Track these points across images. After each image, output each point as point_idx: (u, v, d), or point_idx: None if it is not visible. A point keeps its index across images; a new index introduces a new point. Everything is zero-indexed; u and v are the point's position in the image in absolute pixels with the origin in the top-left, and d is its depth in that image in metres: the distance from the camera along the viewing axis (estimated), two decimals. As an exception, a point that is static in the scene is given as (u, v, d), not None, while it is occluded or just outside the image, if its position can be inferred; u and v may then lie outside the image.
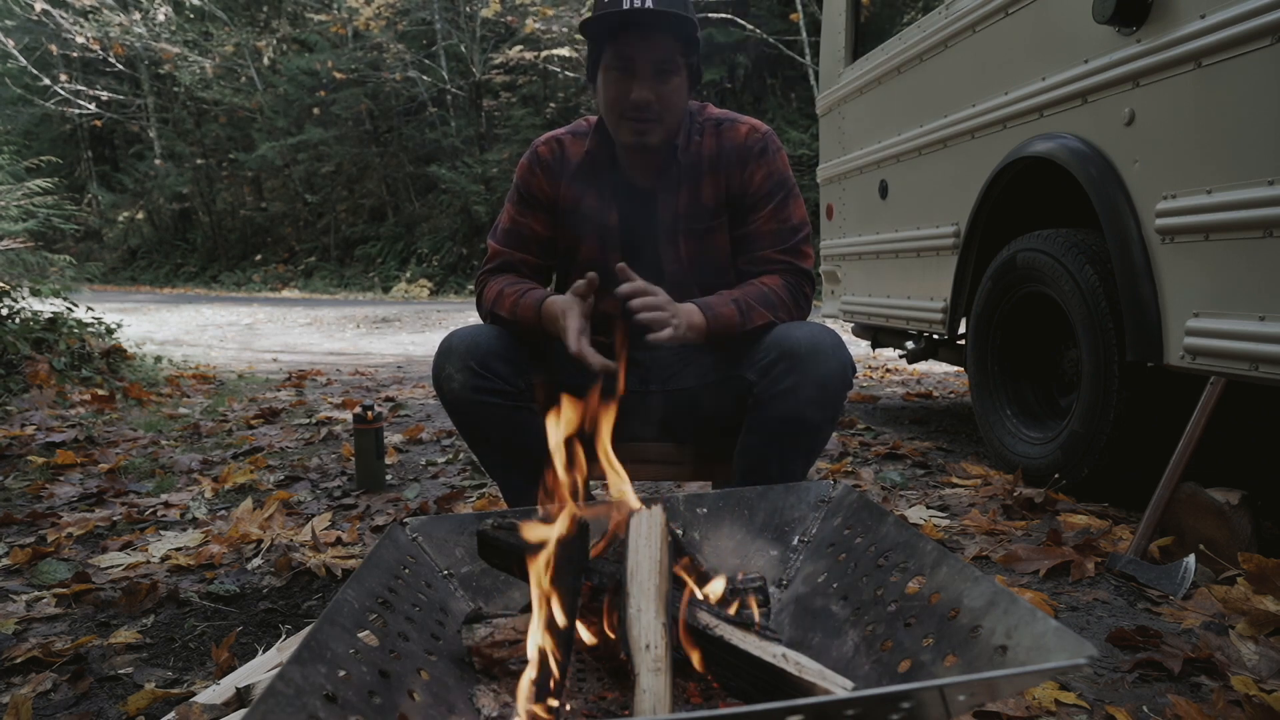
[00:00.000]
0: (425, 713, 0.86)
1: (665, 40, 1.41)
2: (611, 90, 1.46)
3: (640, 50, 1.41)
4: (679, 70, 1.45)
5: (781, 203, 1.55)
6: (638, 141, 1.47)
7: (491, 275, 1.61)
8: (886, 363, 5.96)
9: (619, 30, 1.41)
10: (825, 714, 0.66)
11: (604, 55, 1.46)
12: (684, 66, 1.46)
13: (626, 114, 1.45)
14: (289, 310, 13.29)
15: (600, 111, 1.53)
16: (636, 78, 1.43)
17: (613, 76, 1.45)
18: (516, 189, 1.63)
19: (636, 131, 1.46)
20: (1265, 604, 1.44)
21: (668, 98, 1.45)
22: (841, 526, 1.17)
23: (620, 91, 1.44)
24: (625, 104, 1.44)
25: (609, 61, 1.45)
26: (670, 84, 1.44)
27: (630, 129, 1.46)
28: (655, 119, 1.45)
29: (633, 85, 1.43)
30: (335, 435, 3.57)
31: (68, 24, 19.69)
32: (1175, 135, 1.88)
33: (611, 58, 1.44)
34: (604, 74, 1.47)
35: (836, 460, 2.89)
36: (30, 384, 4.27)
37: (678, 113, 1.49)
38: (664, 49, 1.41)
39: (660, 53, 1.42)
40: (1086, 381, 2.18)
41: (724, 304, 1.47)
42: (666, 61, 1.43)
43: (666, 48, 1.42)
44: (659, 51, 1.41)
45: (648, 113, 1.44)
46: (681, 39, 1.43)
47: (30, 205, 5.86)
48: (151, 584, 1.76)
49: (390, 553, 1.07)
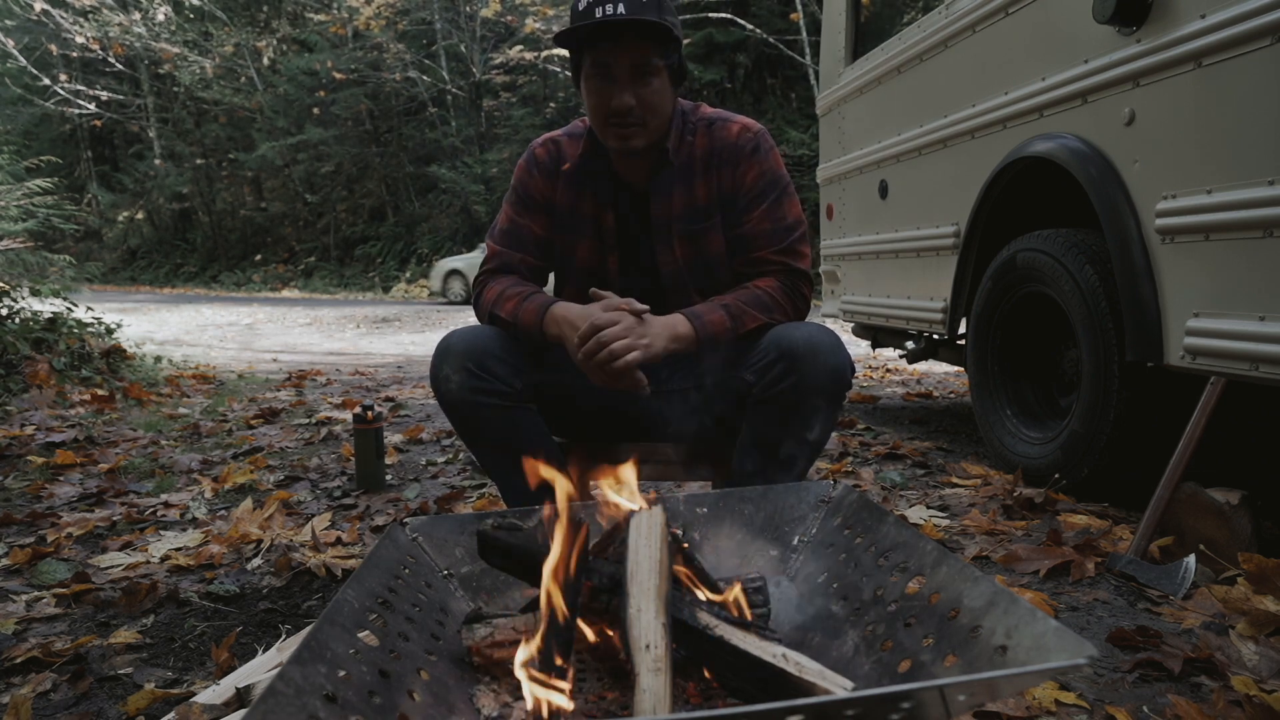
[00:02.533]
0: (425, 713, 0.86)
1: (640, 45, 1.41)
2: (593, 98, 1.47)
3: (616, 57, 1.42)
4: (658, 72, 1.45)
5: (775, 202, 1.55)
6: (623, 146, 1.47)
7: (491, 276, 1.61)
8: (886, 363, 5.96)
9: (594, 39, 1.42)
10: (825, 714, 0.66)
11: (583, 64, 1.47)
12: (663, 68, 1.46)
13: (609, 121, 1.46)
14: (289, 310, 13.29)
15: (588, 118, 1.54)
16: (616, 84, 1.43)
17: (593, 85, 1.46)
18: (514, 190, 1.64)
19: (620, 137, 1.46)
20: (1265, 604, 1.44)
21: (648, 100, 1.45)
22: (841, 526, 1.17)
23: (601, 99, 1.45)
24: (607, 111, 1.45)
25: (588, 70, 1.46)
26: (650, 86, 1.45)
27: (614, 135, 1.47)
28: (638, 123, 1.45)
29: (613, 92, 1.43)
30: (335, 435, 3.57)
31: (67, 24, 19.71)
32: (1175, 135, 1.88)
33: (590, 66, 1.45)
34: (585, 82, 1.48)
35: (836, 460, 2.89)
36: (30, 384, 4.27)
37: (662, 114, 1.49)
38: (639, 53, 1.42)
39: (637, 57, 1.42)
40: (1086, 381, 2.18)
41: (712, 310, 1.46)
42: (643, 66, 1.43)
43: (642, 51, 1.42)
44: (634, 57, 1.41)
45: (630, 118, 1.44)
46: (657, 41, 1.43)
47: (30, 205, 5.86)
48: (151, 584, 1.76)
49: (390, 553, 1.07)
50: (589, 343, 1.36)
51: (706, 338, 1.44)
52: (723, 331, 1.45)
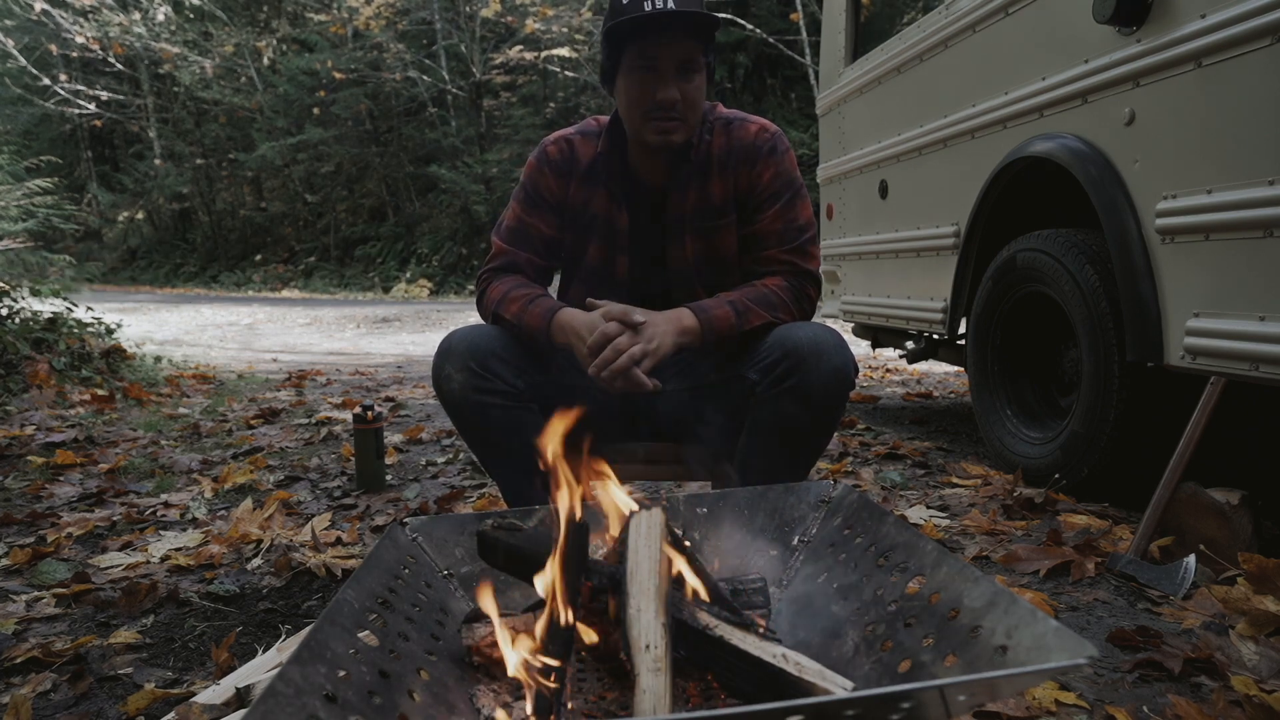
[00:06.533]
0: (425, 713, 0.86)
1: (687, 38, 1.41)
2: (635, 90, 1.45)
3: (664, 50, 1.41)
4: (700, 69, 1.46)
5: (789, 203, 1.55)
6: (663, 140, 1.46)
7: (496, 275, 1.61)
8: (886, 363, 5.96)
9: (642, 32, 1.41)
10: (825, 714, 0.66)
11: (625, 57, 1.46)
12: (705, 65, 1.47)
13: (651, 114, 1.45)
14: (289, 310, 13.29)
15: (622, 114, 1.53)
16: (661, 78, 1.43)
17: (636, 78, 1.45)
18: (524, 188, 1.63)
19: (661, 130, 1.46)
20: (1265, 604, 1.44)
21: (691, 96, 1.45)
22: (841, 526, 1.17)
23: (644, 92, 1.44)
24: (650, 104, 1.44)
25: (631, 63, 1.44)
26: (694, 82, 1.45)
27: (655, 129, 1.46)
28: (680, 118, 1.45)
29: (658, 85, 1.43)
30: (335, 435, 3.57)
31: (67, 24, 19.70)
32: (1175, 135, 1.88)
33: (635, 58, 1.44)
34: (626, 76, 1.47)
35: (836, 460, 2.89)
36: (30, 384, 4.27)
37: (699, 111, 1.50)
38: (687, 48, 1.42)
39: (683, 52, 1.42)
40: (1086, 381, 2.18)
41: (719, 306, 1.47)
42: (689, 61, 1.43)
43: (689, 47, 1.42)
44: (682, 51, 1.42)
45: (673, 112, 1.44)
46: (702, 39, 1.43)
47: (30, 205, 5.86)
48: (151, 584, 1.76)
49: (390, 553, 1.07)
50: (604, 352, 1.37)
51: (711, 332, 1.45)
52: (727, 327, 1.45)
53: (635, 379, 1.37)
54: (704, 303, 1.48)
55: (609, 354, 1.37)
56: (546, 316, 1.48)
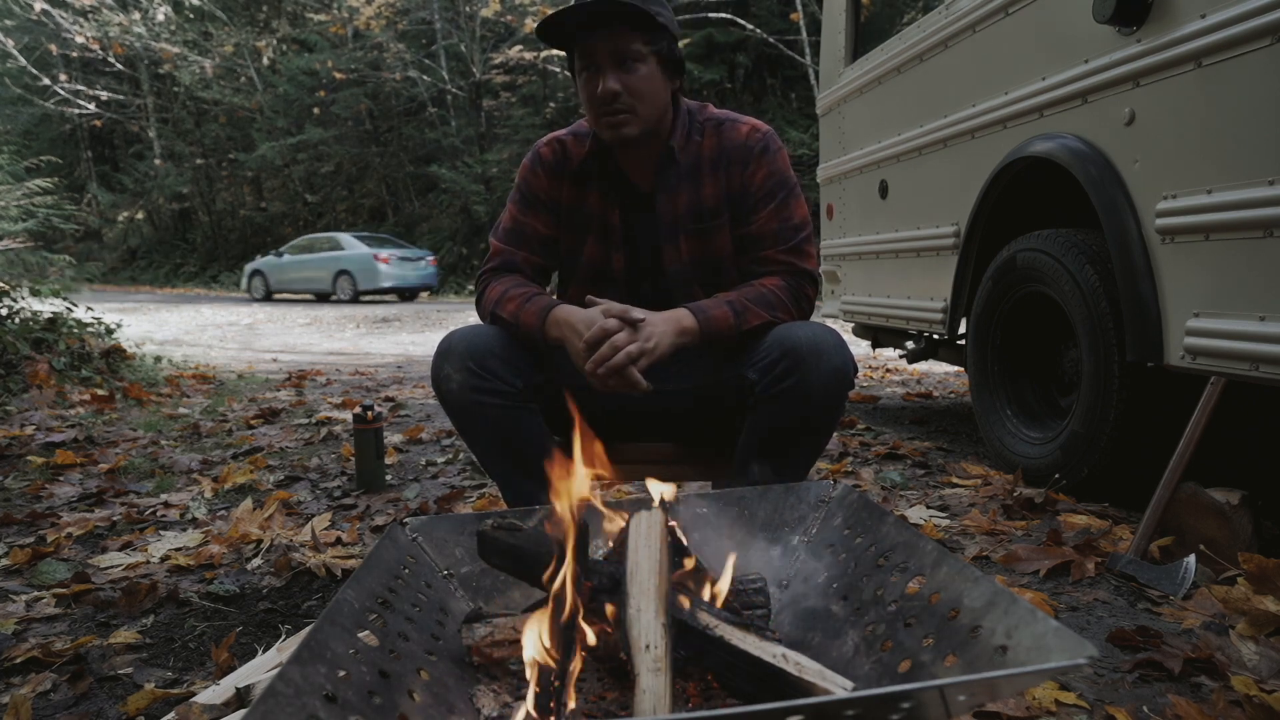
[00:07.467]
0: (425, 713, 0.86)
1: (620, 29, 1.41)
2: (585, 90, 1.47)
3: (600, 46, 1.42)
4: (644, 58, 1.45)
5: (783, 202, 1.55)
6: (614, 135, 1.47)
7: (494, 275, 1.61)
8: (886, 363, 5.96)
9: (579, 32, 1.43)
10: (825, 714, 0.66)
11: (575, 60, 1.48)
12: (651, 55, 1.46)
13: (599, 109, 1.46)
14: (289, 310, 13.29)
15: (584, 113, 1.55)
16: (601, 72, 1.43)
17: (584, 78, 1.47)
18: (519, 189, 1.64)
19: (611, 125, 1.46)
20: (1265, 604, 1.44)
21: (636, 87, 1.44)
22: (841, 526, 1.17)
23: (590, 90, 1.45)
24: (595, 99, 1.45)
25: (579, 65, 1.47)
26: (637, 73, 1.44)
27: (605, 123, 1.47)
28: (626, 109, 1.45)
29: (599, 80, 1.43)
30: (335, 435, 3.57)
31: (67, 24, 19.70)
32: (1175, 135, 1.88)
33: (579, 59, 1.46)
34: (578, 78, 1.49)
35: (836, 460, 2.89)
36: (30, 384, 4.27)
37: (653, 102, 1.48)
38: (623, 38, 1.42)
39: (618, 42, 1.42)
40: (1086, 381, 2.18)
41: (717, 306, 1.46)
42: (625, 50, 1.43)
43: (624, 36, 1.42)
44: (616, 41, 1.42)
45: (617, 104, 1.44)
46: (640, 26, 1.43)
47: (30, 205, 5.86)
48: (151, 584, 1.76)
49: (390, 553, 1.07)
50: (601, 349, 1.36)
51: (710, 333, 1.44)
52: (726, 327, 1.45)
53: (630, 378, 1.36)
54: (702, 303, 1.47)
55: (606, 350, 1.35)
56: (541, 314, 1.48)
